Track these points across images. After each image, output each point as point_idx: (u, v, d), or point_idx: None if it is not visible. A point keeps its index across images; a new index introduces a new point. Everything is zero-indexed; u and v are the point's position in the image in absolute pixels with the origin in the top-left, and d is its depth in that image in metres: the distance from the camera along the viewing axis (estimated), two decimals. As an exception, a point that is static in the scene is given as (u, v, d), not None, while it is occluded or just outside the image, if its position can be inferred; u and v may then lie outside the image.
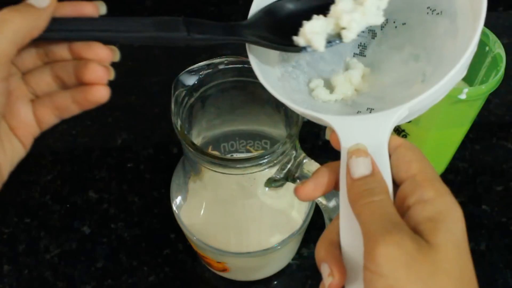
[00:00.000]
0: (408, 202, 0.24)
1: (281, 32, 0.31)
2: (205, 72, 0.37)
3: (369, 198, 0.24)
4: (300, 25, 0.30)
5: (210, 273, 0.48)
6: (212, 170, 0.35)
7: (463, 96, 0.42)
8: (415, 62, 0.30)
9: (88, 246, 0.50)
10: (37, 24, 0.25)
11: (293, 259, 0.49)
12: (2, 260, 0.49)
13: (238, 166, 0.34)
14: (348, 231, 0.25)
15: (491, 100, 0.60)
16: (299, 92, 0.32)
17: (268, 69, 0.31)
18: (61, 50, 0.28)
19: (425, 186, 0.24)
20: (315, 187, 0.27)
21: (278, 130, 0.42)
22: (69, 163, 0.55)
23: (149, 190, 0.53)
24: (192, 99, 0.38)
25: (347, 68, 0.33)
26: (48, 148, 0.56)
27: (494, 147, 0.56)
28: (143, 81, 0.62)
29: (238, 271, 0.46)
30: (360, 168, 0.25)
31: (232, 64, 0.37)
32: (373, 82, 0.32)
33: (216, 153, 0.45)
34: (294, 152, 0.36)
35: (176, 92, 0.36)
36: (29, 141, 0.30)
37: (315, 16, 0.30)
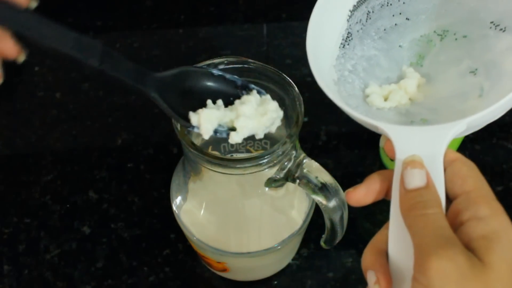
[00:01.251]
0: (461, 218, 0.24)
1: (185, 99, 0.32)
2: (205, 72, 0.37)
3: (422, 210, 0.24)
4: (204, 103, 0.32)
5: (210, 273, 0.48)
6: (212, 170, 0.35)
7: (463, 96, 0.42)
8: (473, 76, 0.30)
9: (88, 246, 0.50)
10: None
11: (293, 259, 0.49)
12: (2, 260, 0.49)
13: (238, 166, 0.34)
14: (397, 241, 0.25)
15: (491, 100, 0.60)
16: (354, 97, 0.32)
17: (326, 71, 0.32)
18: None
19: (480, 203, 0.24)
20: (366, 193, 0.27)
21: (278, 130, 0.42)
22: (69, 163, 0.55)
23: (149, 190, 0.53)
24: (192, 99, 0.38)
25: (402, 76, 0.33)
26: (48, 148, 0.56)
27: (494, 147, 0.56)
28: (143, 81, 0.61)
29: (238, 271, 0.46)
30: (415, 180, 0.25)
31: (232, 64, 0.37)
32: (428, 92, 0.32)
33: (216, 153, 0.45)
34: (294, 152, 0.36)
35: (176, 92, 0.36)
36: None
37: (218, 103, 0.32)
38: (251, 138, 0.45)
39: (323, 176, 0.36)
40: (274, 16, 0.66)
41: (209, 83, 0.34)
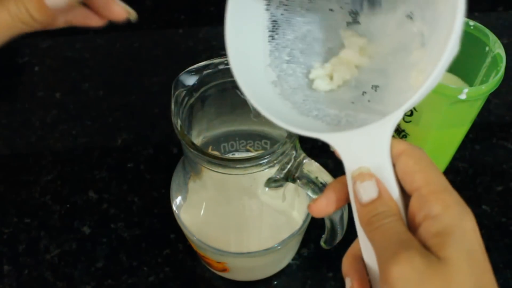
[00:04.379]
0: (418, 219, 0.24)
1: None
2: (205, 72, 0.37)
3: (378, 223, 0.24)
4: None
5: (210, 273, 0.48)
6: (212, 170, 0.35)
7: (463, 96, 0.42)
8: (411, 22, 0.28)
9: (88, 246, 0.50)
10: (46, 25, 0.26)
11: (293, 259, 0.49)
12: (2, 260, 0.49)
13: (238, 166, 0.34)
14: (366, 249, 0.25)
15: (491, 100, 0.60)
16: (300, 90, 0.30)
17: (260, 77, 0.30)
18: None
19: (431, 200, 0.23)
20: (327, 203, 0.27)
21: (278, 130, 0.42)
22: (69, 163, 0.55)
23: (149, 190, 0.53)
24: (192, 99, 0.38)
25: (343, 42, 0.31)
26: (48, 148, 0.56)
27: (494, 147, 0.56)
28: (143, 81, 0.62)
29: (238, 271, 0.46)
30: (367, 193, 0.24)
31: (232, 64, 0.37)
32: (372, 53, 0.30)
33: (216, 153, 0.45)
34: (294, 152, 0.36)
35: (176, 92, 0.36)
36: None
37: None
38: (251, 138, 0.45)
39: (323, 176, 0.36)
40: (274, 16, 0.66)
41: None
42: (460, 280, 0.21)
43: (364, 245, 0.26)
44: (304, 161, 0.36)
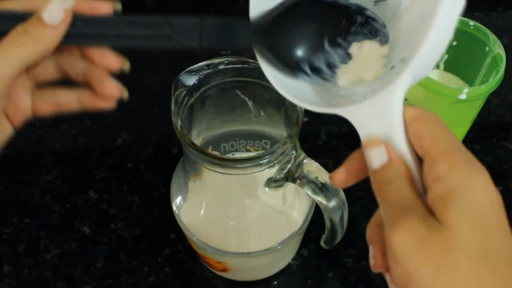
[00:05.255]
0: (427, 181, 0.23)
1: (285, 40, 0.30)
2: (205, 72, 0.37)
3: (386, 188, 0.24)
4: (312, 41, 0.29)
5: (210, 273, 0.48)
6: (212, 170, 0.35)
7: (463, 96, 0.42)
8: None
9: (88, 246, 0.50)
10: (44, 47, 0.25)
11: (293, 259, 0.49)
12: (2, 260, 0.49)
13: (238, 166, 0.34)
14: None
15: (491, 100, 0.60)
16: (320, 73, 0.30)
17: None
18: (72, 49, 0.28)
19: (438, 161, 0.23)
20: (348, 173, 0.27)
21: (278, 130, 0.42)
22: (69, 163, 0.55)
23: (149, 190, 0.53)
24: (192, 99, 0.38)
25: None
26: (48, 148, 0.56)
27: (494, 147, 0.56)
28: (143, 81, 0.62)
29: (238, 271, 0.46)
30: (376, 159, 0.24)
31: (232, 64, 0.37)
32: (400, 26, 0.30)
33: (216, 153, 0.45)
34: (294, 152, 0.36)
35: (176, 92, 0.36)
36: (19, 123, 0.30)
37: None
38: (251, 138, 0.45)
39: (323, 176, 0.36)
40: (274, 16, 0.66)
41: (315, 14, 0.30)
42: (461, 244, 0.21)
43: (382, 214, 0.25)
44: (304, 161, 0.36)
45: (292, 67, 0.29)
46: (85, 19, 0.27)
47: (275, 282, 0.48)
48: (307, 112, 0.36)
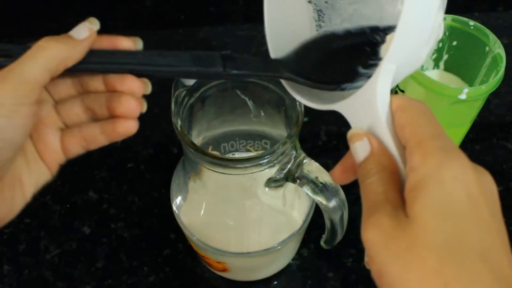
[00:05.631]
0: (406, 173, 0.22)
1: (318, 69, 0.30)
2: (205, 72, 0.37)
3: (365, 182, 0.23)
4: (338, 63, 0.29)
5: (210, 273, 0.48)
6: (212, 170, 0.35)
7: (463, 96, 0.42)
8: None
9: (88, 246, 0.50)
10: (72, 54, 0.26)
11: (293, 259, 0.49)
12: (2, 260, 0.49)
13: (238, 166, 0.34)
14: None
15: (491, 100, 0.60)
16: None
17: None
18: (96, 82, 0.28)
19: (413, 151, 0.22)
20: (344, 169, 0.27)
21: (278, 130, 0.42)
22: (69, 163, 0.55)
23: (149, 190, 0.53)
24: (192, 99, 0.38)
25: (387, 16, 0.31)
26: (48, 148, 0.56)
27: (494, 147, 0.56)
28: (143, 81, 0.61)
29: (238, 271, 0.46)
30: (359, 153, 0.24)
31: (232, 64, 0.37)
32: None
33: (216, 153, 0.45)
34: (294, 152, 0.36)
35: (176, 92, 0.36)
36: (54, 167, 0.30)
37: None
38: (251, 138, 0.45)
39: (323, 176, 0.36)
40: (274, 16, 0.66)
41: (336, 44, 0.31)
42: (426, 239, 0.20)
43: None
44: (304, 161, 0.36)
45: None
46: (107, 51, 0.28)
47: (275, 282, 0.48)
48: (307, 112, 0.36)
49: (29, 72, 0.24)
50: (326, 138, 0.56)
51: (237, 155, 0.46)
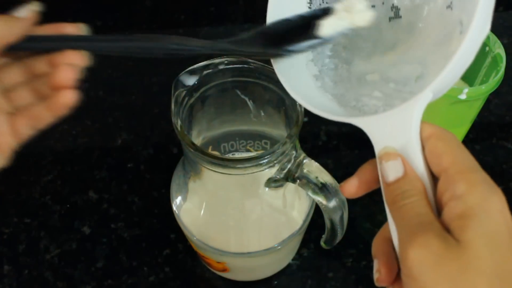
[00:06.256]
0: (444, 199, 0.23)
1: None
2: (205, 72, 0.37)
3: (401, 202, 0.24)
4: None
5: (210, 273, 0.48)
6: (212, 170, 0.35)
7: (463, 96, 0.42)
8: (450, 12, 0.28)
9: (88, 246, 0.50)
10: (12, 31, 0.27)
11: (293, 259, 0.49)
12: (2, 260, 0.49)
13: (238, 166, 0.34)
14: (394, 231, 0.25)
15: (491, 100, 0.60)
16: (341, 82, 0.31)
17: (302, 71, 0.31)
18: (42, 64, 0.29)
19: (457, 180, 0.23)
20: (358, 184, 0.27)
21: (278, 130, 0.42)
22: (69, 163, 0.55)
23: (149, 190, 0.53)
24: (192, 99, 0.38)
25: (383, 40, 0.32)
26: (48, 148, 0.56)
27: (494, 147, 0.56)
28: (143, 81, 0.62)
29: (238, 271, 0.46)
30: (391, 172, 0.24)
31: (232, 64, 0.37)
32: (413, 44, 0.30)
33: (216, 153, 0.45)
34: (294, 152, 0.36)
35: (176, 92, 0.36)
36: (7, 153, 0.30)
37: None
38: (251, 138, 0.45)
39: (323, 176, 0.36)
40: (274, 16, 0.66)
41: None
42: (478, 265, 0.21)
43: (392, 226, 0.25)
44: (304, 161, 0.36)
45: None
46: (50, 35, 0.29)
47: (275, 282, 0.48)
48: (307, 112, 0.36)
49: None
50: (326, 138, 0.56)
51: (237, 155, 0.46)
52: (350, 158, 0.54)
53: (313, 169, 0.36)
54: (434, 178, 0.25)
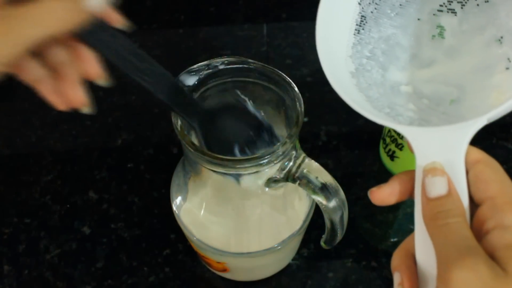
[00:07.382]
0: (487, 226, 0.23)
1: (219, 137, 0.34)
2: (205, 72, 0.37)
3: (444, 220, 0.23)
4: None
5: (210, 273, 0.48)
6: (212, 170, 0.35)
7: (463, 96, 0.42)
8: (499, 46, 0.29)
9: (88, 246, 0.50)
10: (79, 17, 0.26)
11: (293, 259, 0.49)
12: (2, 260, 0.49)
13: (238, 166, 0.34)
14: (423, 247, 0.25)
15: (491, 100, 0.60)
16: (375, 86, 0.31)
17: (341, 65, 0.31)
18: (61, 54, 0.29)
19: (506, 210, 0.23)
20: (391, 193, 0.27)
21: (278, 130, 0.42)
22: (69, 163, 0.55)
23: (149, 190, 0.53)
24: (192, 99, 0.38)
25: (422, 55, 0.32)
26: (48, 148, 0.56)
27: (494, 147, 0.56)
28: (143, 81, 0.61)
29: (238, 271, 0.46)
30: (436, 188, 0.24)
31: (232, 64, 0.37)
32: (453, 69, 0.31)
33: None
34: (294, 152, 0.36)
35: (176, 92, 0.36)
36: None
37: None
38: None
39: (323, 176, 0.36)
40: (274, 16, 0.66)
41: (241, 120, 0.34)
42: None
43: (421, 241, 0.25)
44: (304, 161, 0.36)
45: None
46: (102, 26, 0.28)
47: (275, 282, 0.48)
48: (307, 112, 0.36)
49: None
50: (326, 138, 0.56)
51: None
52: (350, 158, 0.54)
53: (313, 169, 0.36)
54: (472, 203, 0.25)
